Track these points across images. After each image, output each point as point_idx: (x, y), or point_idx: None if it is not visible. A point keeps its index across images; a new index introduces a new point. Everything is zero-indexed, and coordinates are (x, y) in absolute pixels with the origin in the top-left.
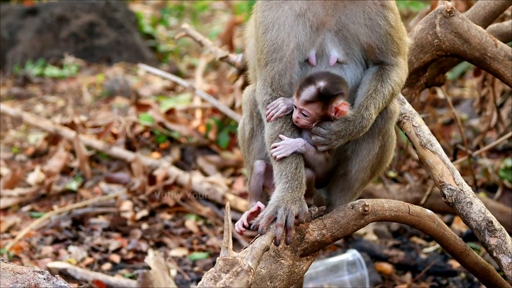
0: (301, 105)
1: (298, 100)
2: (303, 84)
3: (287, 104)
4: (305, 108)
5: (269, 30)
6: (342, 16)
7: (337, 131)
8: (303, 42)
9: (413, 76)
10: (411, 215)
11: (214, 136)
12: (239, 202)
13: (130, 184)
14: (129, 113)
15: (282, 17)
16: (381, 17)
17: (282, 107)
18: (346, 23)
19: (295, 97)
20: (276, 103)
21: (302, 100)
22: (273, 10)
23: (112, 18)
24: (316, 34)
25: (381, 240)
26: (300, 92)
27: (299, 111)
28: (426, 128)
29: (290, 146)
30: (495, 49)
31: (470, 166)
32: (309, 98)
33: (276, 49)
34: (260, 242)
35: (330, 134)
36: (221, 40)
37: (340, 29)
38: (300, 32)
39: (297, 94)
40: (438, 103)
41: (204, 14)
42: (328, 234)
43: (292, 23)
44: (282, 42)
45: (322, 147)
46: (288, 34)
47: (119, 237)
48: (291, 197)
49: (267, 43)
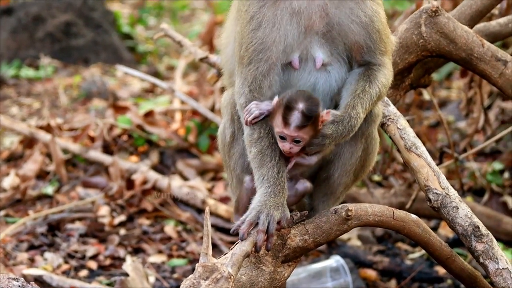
0: (294, 132)
1: (288, 130)
2: (286, 114)
3: (259, 109)
4: (299, 135)
5: (261, 28)
6: (339, 14)
7: (329, 134)
8: (291, 44)
9: (398, 77)
10: (396, 220)
11: (194, 139)
12: (219, 207)
13: (108, 188)
14: (107, 115)
15: (278, 16)
16: (374, 13)
17: (254, 112)
18: (338, 22)
19: (281, 128)
20: (249, 108)
21: (294, 128)
22: (271, 8)
23: (89, 18)
24: (303, 36)
25: (365, 245)
26: (287, 121)
27: (290, 141)
28: (411, 130)
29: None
30: (482, 50)
31: (456, 169)
32: (300, 123)
33: (264, 49)
34: (240, 248)
35: (323, 140)
36: (201, 40)
37: (330, 30)
38: (292, 32)
39: (284, 124)
40: (424, 105)
41: (183, 14)
42: (311, 239)
43: (286, 23)
44: (272, 43)
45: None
46: (280, 35)
47: (96, 243)
48: (273, 202)
49: (255, 41)
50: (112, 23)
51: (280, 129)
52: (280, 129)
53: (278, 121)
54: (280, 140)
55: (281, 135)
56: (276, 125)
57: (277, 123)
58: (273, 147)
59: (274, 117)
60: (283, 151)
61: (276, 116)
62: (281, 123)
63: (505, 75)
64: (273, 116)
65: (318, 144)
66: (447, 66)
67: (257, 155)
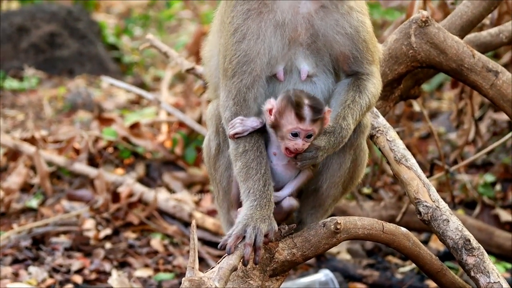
0: (310, 126)
1: (303, 124)
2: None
3: (243, 126)
4: (313, 128)
5: (246, 40)
6: (324, 26)
7: (323, 146)
8: (275, 56)
9: (387, 88)
10: (385, 233)
11: (180, 151)
12: (206, 220)
13: (93, 201)
14: (92, 127)
15: (263, 28)
16: (360, 23)
17: (237, 128)
18: (323, 33)
19: (296, 124)
20: (234, 123)
21: (309, 122)
22: (255, 20)
23: (74, 28)
24: (288, 48)
25: (355, 259)
26: (301, 116)
27: (303, 137)
28: (401, 142)
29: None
30: (473, 60)
31: (447, 182)
32: (314, 116)
33: (248, 62)
34: (227, 262)
35: (316, 152)
36: (188, 51)
37: (315, 41)
38: (276, 45)
39: (299, 120)
40: (414, 116)
41: (170, 24)
42: (299, 253)
43: (271, 35)
44: (256, 55)
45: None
46: (265, 47)
47: (81, 257)
48: (260, 215)
49: (239, 53)
50: (97, 33)
51: (294, 125)
52: (294, 125)
53: (290, 118)
54: (292, 139)
55: (295, 132)
56: (289, 123)
57: (289, 121)
58: (259, 160)
59: (282, 117)
60: (294, 149)
61: (285, 116)
62: (294, 120)
63: (496, 86)
64: (281, 116)
65: (311, 157)
66: (437, 77)
67: (242, 169)
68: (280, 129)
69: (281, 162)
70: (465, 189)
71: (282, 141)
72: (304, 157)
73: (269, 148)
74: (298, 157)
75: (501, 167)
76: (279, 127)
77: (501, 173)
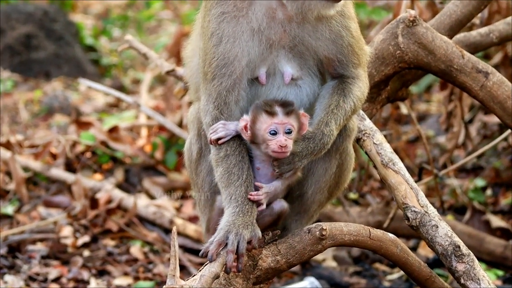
0: (285, 119)
1: (277, 118)
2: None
3: (225, 130)
4: (289, 121)
5: (222, 43)
6: (302, 33)
7: (299, 152)
8: (254, 59)
9: (374, 90)
10: (372, 239)
11: (160, 155)
12: (188, 226)
13: (71, 208)
14: (69, 131)
15: (238, 31)
16: (344, 28)
17: (220, 133)
18: (305, 39)
19: (271, 121)
20: (216, 127)
21: (283, 115)
22: (230, 23)
23: (50, 30)
24: (269, 51)
25: (341, 266)
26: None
27: (283, 133)
28: (388, 146)
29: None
30: (462, 61)
31: (436, 186)
32: (285, 109)
33: (227, 64)
34: (209, 270)
35: (294, 157)
36: (168, 52)
37: (296, 44)
38: (254, 49)
39: (272, 116)
40: (402, 119)
41: (150, 25)
42: (283, 260)
43: (248, 38)
44: (234, 57)
45: (288, 173)
46: (242, 50)
47: (58, 265)
48: (242, 221)
49: (217, 56)
50: (74, 35)
51: (268, 123)
52: (268, 123)
53: (263, 119)
54: (271, 138)
55: (272, 130)
56: (263, 124)
57: (263, 121)
58: (240, 165)
59: (256, 124)
60: (279, 148)
61: (258, 121)
62: (267, 118)
63: (486, 88)
64: (254, 124)
65: (288, 163)
66: (426, 78)
67: (224, 174)
68: (258, 137)
69: (266, 177)
70: (455, 194)
71: (266, 149)
72: (281, 163)
73: (253, 164)
74: (275, 163)
75: (491, 171)
76: (257, 136)
77: (492, 177)
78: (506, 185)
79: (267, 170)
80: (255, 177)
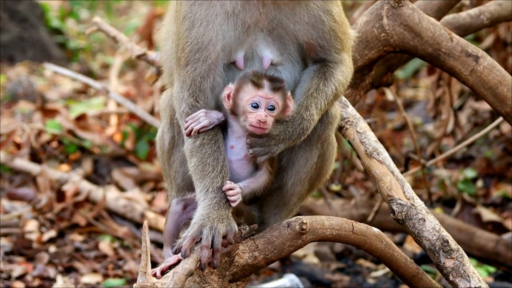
0: (270, 94)
1: (262, 91)
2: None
3: (209, 118)
4: (274, 98)
5: (195, 27)
6: (279, 15)
7: (276, 135)
8: (229, 43)
9: (357, 75)
10: (355, 234)
11: (131, 145)
12: (160, 220)
13: (36, 201)
14: (34, 119)
15: (211, 14)
16: (325, 12)
17: (203, 122)
18: (283, 22)
19: (255, 92)
20: (197, 116)
21: (269, 90)
22: (203, 6)
23: (14, 11)
24: (246, 35)
25: (323, 263)
26: (260, 84)
27: (265, 108)
28: (372, 134)
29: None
30: (451, 44)
31: (424, 177)
32: (273, 84)
33: (201, 49)
34: (183, 266)
35: (269, 140)
36: (140, 35)
37: (274, 27)
38: (229, 32)
39: (258, 87)
40: (387, 106)
41: (120, 6)
42: (261, 256)
43: (222, 21)
44: (209, 42)
45: (262, 157)
46: (217, 33)
47: (23, 261)
48: (217, 215)
49: (190, 41)
50: (39, 16)
51: (252, 95)
52: (252, 95)
53: (248, 89)
54: (252, 111)
55: (254, 103)
56: (247, 94)
57: (247, 91)
58: (216, 156)
59: (239, 93)
60: (258, 122)
61: (242, 90)
62: (252, 89)
63: (477, 72)
64: (238, 93)
65: (263, 145)
66: (413, 62)
67: (198, 165)
68: (239, 108)
69: (238, 157)
70: (444, 186)
71: (245, 122)
72: (255, 142)
73: (227, 141)
74: (248, 141)
75: (483, 161)
76: (238, 106)
77: (483, 168)
78: (498, 176)
79: (240, 149)
80: (227, 156)
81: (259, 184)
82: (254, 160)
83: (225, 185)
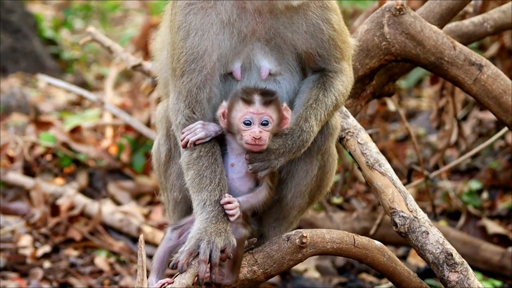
0: (262, 109)
1: (253, 107)
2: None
3: (206, 130)
4: (266, 112)
5: (190, 37)
6: (277, 24)
7: (275, 149)
8: (226, 53)
9: (358, 85)
10: (357, 247)
11: (127, 158)
12: (157, 235)
13: (30, 215)
14: (28, 132)
15: (207, 24)
16: (324, 21)
17: (200, 133)
18: (281, 31)
19: (246, 109)
20: (194, 128)
21: (260, 105)
22: (198, 15)
23: (6, 21)
24: (243, 44)
25: (324, 277)
26: (250, 100)
27: (258, 124)
28: (374, 145)
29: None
30: (454, 52)
31: (427, 189)
32: (265, 99)
33: (196, 59)
34: (180, 281)
35: (268, 154)
36: (135, 46)
37: (272, 37)
38: (225, 42)
39: (248, 104)
40: (389, 116)
41: (115, 15)
42: (260, 271)
43: (217, 31)
44: (204, 52)
45: (263, 172)
46: (212, 43)
47: (17, 277)
48: (215, 228)
49: (185, 51)
50: (33, 27)
51: (243, 112)
52: (243, 112)
53: (239, 106)
54: (245, 128)
55: (247, 120)
56: (239, 111)
57: (239, 109)
58: (213, 168)
59: (231, 112)
60: (253, 139)
61: (234, 108)
62: (243, 105)
63: (480, 81)
64: (230, 112)
65: (263, 160)
66: (415, 72)
67: (195, 178)
68: (233, 127)
69: (239, 175)
70: (448, 198)
71: (241, 141)
72: (254, 158)
73: (227, 159)
74: (247, 157)
75: (488, 172)
76: (232, 125)
77: (488, 179)
78: (503, 188)
79: (241, 167)
80: (227, 175)
81: (259, 199)
82: (255, 176)
83: (223, 199)
